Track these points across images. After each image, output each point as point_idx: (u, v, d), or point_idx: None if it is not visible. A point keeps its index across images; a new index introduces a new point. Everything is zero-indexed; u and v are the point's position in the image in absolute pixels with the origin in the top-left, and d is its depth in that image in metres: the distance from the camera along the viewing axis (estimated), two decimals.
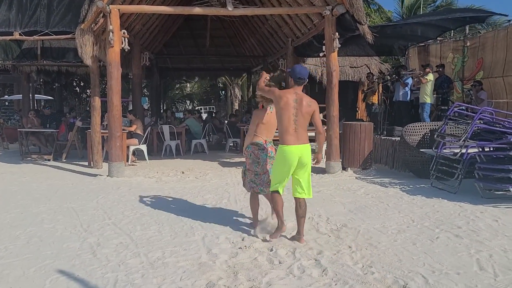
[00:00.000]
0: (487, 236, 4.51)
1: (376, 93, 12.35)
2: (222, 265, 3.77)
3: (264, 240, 4.42)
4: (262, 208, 5.26)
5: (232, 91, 27.51)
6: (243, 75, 22.39)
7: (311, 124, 4.58)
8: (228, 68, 19.91)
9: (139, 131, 10.40)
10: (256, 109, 4.98)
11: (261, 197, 4.99)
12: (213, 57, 18.28)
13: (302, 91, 4.52)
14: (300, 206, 4.40)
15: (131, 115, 10.67)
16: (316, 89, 16.94)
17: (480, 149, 6.75)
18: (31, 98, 17.80)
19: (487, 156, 6.45)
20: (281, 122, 4.37)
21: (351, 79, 16.56)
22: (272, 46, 14.75)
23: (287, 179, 4.44)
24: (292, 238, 4.45)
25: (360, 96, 17.31)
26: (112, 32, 8.23)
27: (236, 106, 26.12)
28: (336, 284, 3.37)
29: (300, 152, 4.31)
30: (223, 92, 33.63)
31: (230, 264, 3.80)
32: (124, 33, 8.55)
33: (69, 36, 8.96)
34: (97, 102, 9.49)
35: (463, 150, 6.70)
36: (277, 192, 4.47)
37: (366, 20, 8.58)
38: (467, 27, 11.88)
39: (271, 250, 4.15)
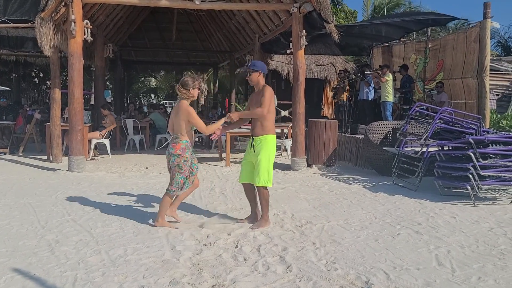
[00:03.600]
0: (445, 232, 4.66)
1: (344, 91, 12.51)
2: (186, 262, 3.72)
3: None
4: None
5: (199, 87, 27.25)
6: (210, 70, 22.24)
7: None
8: (195, 63, 19.72)
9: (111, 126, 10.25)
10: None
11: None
12: (179, 51, 18.05)
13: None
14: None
15: (106, 110, 10.41)
16: (282, 86, 17.03)
17: (440, 148, 6.96)
18: None
19: (446, 155, 6.67)
20: (272, 114, 4.73)
21: (317, 77, 16.74)
22: (239, 42, 14.71)
23: None
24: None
25: (326, 94, 17.53)
26: (74, 22, 7.95)
27: (202, 102, 25.91)
28: (300, 281, 3.38)
29: None
30: None
31: (194, 261, 3.75)
32: (86, 23, 8.30)
33: (28, 24, 8.60)
34: (57, 94, 9.17)
35: (424, 149, 6.90)
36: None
37: (333, 19, 8.68)
38: (429, 29, 12.21)
39: (236, 247, 4.13)
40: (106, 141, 10.13)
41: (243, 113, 4.92)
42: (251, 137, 4.77)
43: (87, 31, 8.31)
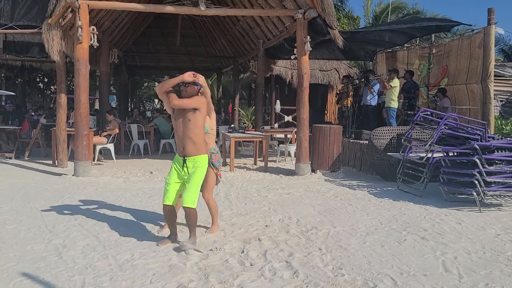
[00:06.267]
0: (451, 238, 4.65)
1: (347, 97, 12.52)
2: (193, 267, 3.73)
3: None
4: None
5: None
6: (213, 75, 22.32)
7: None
8: (198, 68, 19.68)
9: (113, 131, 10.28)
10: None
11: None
12: (183, 56, 18.13)
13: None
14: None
15: (111, 116, 10.47)
16: (286, 91, 17.05)
17: (445, 154, 6.96)
18: None
19: (451, 160, 6.66)
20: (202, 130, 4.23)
21: (320, 82, 16.76)
22: (243, 47, 14.75)
23: None
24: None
25: (330, 99, 17.55)
26: (81, 28, 8.01)
27: None
28: (307, 286, 3.39)
29: None
30: None
31: (201, 266, 3.77)
32: (93, 29, 8.35)
33: (35, 30, 8.67)
34: (63, 99, 9.22)
35: (429, 155, 6.90)
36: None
37: (337, 25, 8.72)
38: (433, 35, 12.23)
39: (242, 252, 4.13)
40: (111, 146, 10.17)
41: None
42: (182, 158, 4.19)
43: (94, 37, 8.37)
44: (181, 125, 4.13)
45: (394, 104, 10.34)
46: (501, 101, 12.85)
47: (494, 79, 9.79)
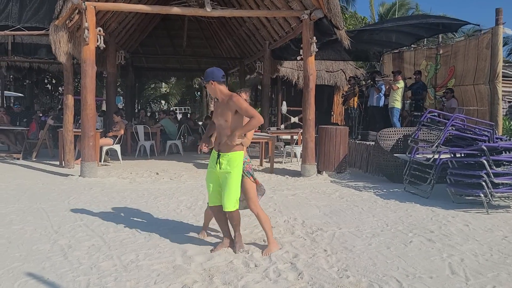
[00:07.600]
0: (458, 240, 4.61)
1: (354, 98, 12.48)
2: (197, 268, 3.73)
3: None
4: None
5: (208, 93, 27.38)
6: None
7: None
8: (205, 69, 19.68)
9: (118, 132, 10.31)
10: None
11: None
12: (190, 57, 18.18)
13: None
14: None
15: (118, 117, 10.51)
16: (292, 92, 17.04)
17: (452, 155, 6.91)
18: (0, 94, 17.32)
19: (458, 162, 6.60)
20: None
21: (326, 83, 16.72)
22: (249, 48, 14.77)
23: None
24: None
25: (336, 100, 17.50)
26: (88, 30, 8.06)
27: (212, 108, 26.02)
28: None
29: None
30: (199, 93, 33.47)
31: (205, 267, 3.76)
32: (99, 30, 8.39)
33: (43, 32, 8.74)
34: (70, 100, 9.27)
35: (436, 156, 6.85)
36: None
37: (343, 26, 8.69)
38: (440, 36, 12.17)
39: (247, 253, 4.12)
40: (117, 147, 10.21)
41: (242, 130, 4.00)
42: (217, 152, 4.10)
43: (100, 38, 8.41)
44: (221, 123, 4.08)
45: (398, 105, 10.34)
46: (509, 102, 12.75)
47: (502, 80, 9.71)
